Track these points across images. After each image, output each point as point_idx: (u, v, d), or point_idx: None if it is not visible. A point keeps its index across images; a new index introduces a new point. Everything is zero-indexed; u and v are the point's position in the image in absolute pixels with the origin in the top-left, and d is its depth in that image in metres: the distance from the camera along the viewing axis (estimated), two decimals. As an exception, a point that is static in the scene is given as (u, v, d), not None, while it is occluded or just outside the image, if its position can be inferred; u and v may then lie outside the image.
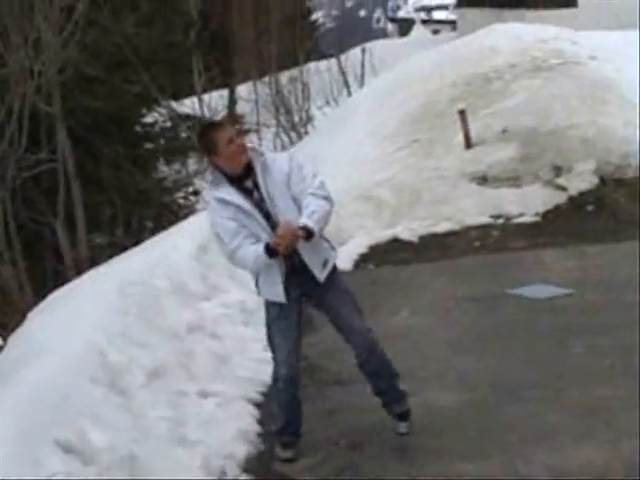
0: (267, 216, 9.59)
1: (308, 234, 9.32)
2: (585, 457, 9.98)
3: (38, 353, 10.91)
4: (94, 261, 15.27)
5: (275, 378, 10.46)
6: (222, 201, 9.67)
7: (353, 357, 10.36)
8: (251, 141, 38.07)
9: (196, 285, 13.59)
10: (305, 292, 9.99)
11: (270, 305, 10.06)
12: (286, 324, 9.99)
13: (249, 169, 9.62)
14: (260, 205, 9.59)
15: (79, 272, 14.89)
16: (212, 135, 9.73)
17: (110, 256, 15.45)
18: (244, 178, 9.64)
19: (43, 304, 13.45)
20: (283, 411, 10.44)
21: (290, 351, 10.04)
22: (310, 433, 10.75)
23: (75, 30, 16.46)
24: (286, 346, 10.03)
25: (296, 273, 9.78)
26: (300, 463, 10.45)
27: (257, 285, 10.15)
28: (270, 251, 9.32)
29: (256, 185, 9.62)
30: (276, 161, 9.79)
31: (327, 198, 9.72)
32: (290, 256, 9.57)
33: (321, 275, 9.82)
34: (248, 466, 10.30)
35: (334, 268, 10.13)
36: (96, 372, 10.35)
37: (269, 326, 10.25)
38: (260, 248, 9.39)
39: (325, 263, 9.85)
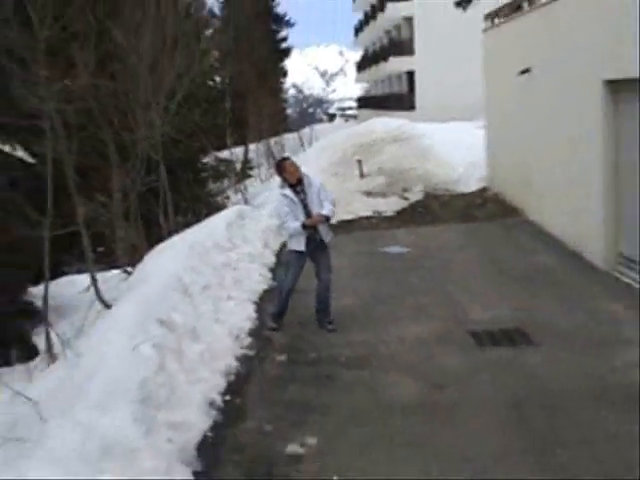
0: (305, 206, 10.25)
1: (326, 218, 10.34)
2: (415, 330, 10.13)
3: (148, 277, 10.88)
4: (177, 231, 15.15)
5: (280, 290, 10.96)
6: (284, 195, 10.45)
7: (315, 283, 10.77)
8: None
9: (226, 243, 13.59)
10: (311, 251, 10.46)
11: (293, 253, 10.57)
12: (298, 265, 10.59)
13: (300, 181, 10.29)
14: (303, 200, 10.27)
15: (170, 236, 14.78)
16: (284, 163, 10.65)
17: (184, 228, 15.35)
18: (297, 185, 10.30)
19: (151, 252, 13.41)
20: (280, 305, 10.80)
21: (295, 278, 10.61)
22: (284, 319, 10.80)
23: (169, 117, 16.43)
24: (294, 276, 10.59)
25: (310, 241, 10.36)
26: (275, 332, 10.48)
27: (289, 241, 10.81)
28: (304, 226, 10.15)
29: (303, 190, 10.29)
30: (313, 180, 10.51)
31: (334, 204, 10.51)
32: (313, 231, 10.29)
33: (326, 238, 10.51)
34: (250, 333, 10.31)
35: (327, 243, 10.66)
36: (176, 286, 10.33)
37: (288, 264, 10.87)
38: (298, 224, 10.15)
39: (327, 234, 10.50)
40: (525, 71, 16.05)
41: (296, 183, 10.33)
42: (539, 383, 8.04)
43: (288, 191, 10.36)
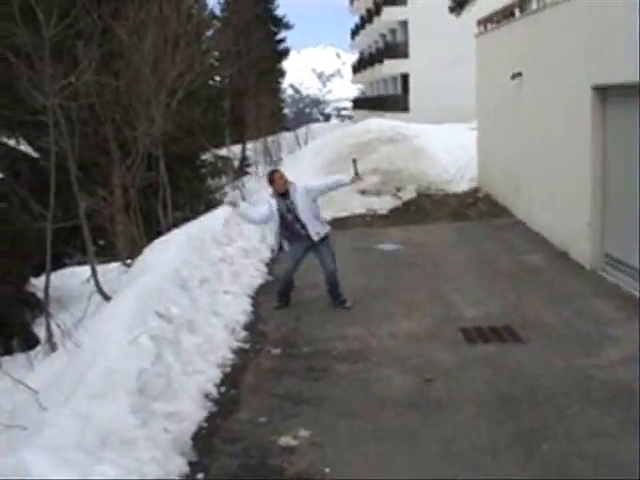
0: (290, 211, 10.89)
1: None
2: (407, 326, 10.10)
3: (147, 270, 10.81)
4: (176, 225, 15.05)
5: (282, 276, 11.46)
6: (269, 203, 11.08)
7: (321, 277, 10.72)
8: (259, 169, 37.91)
9: (223, 238, 13.46)
10: (307, 248, 11.14)
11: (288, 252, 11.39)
12: (292, 260, 11.27)
13: (287, 192, 10.91)
14: (289, 207, 10.90)
15: (168, 230, 14.71)
16: (273, 175, 11.16)
17: (183, 222, 15.26)
18: (284, 195, 10.93)
19: (150, 246, 13.32)
20: (282, 287, 11.40)
21: (287, 271, 11.30)
22: (280, 313, 10.89)
23: (170, 114, 16.32)
24: (287, 269, 11.34)
25: (303, 241, 11.06)
26: (269, 325, 10.53)
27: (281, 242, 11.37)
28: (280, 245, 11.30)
29: (289, 198, 10.91)
30: (298, 186, 11.03)
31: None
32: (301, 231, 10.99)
33: (315, 237, 10.97)
34: (246, 327, 10.34)
35: (326, 235, 11.21)
36: (174, 280, 10.25)
37: (291, 257, 11.34)
38: (256, 216, 11.34)
39: (316, 233, 10.98)
40: (516, 75, 16.05)
41: (283, 193, 10.92)
42: (527, 379, 8.02)
43: (274, 201, 11.04)
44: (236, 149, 42.99)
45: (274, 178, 11.01)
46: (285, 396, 7.96)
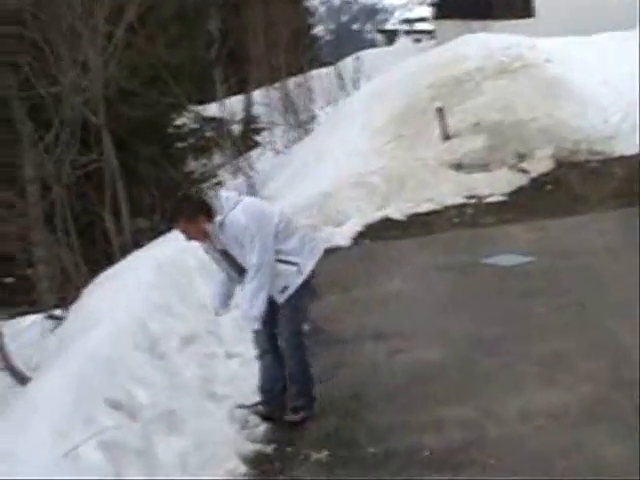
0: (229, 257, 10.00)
1: None
2: (548, 399, 9.98)
3: (91, 324, 10.88)
4: (137, 243, 15.17)
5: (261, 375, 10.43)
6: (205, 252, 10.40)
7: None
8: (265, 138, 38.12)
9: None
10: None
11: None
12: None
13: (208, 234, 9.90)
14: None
15: (124, 254, 14.80)
16: (179, 225, 9.94)
17: (150, 238, 15.34)
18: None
19: (95, 281, 13.40)
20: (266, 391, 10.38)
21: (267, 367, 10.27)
22: (317, 386, 10.68)
23: (115, 52, 16.40)
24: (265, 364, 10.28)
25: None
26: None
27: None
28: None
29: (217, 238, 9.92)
30: (236, 214, 9.72)
31: (259, 262, 9.68)
32: None
33: (280, 299, 9.82)
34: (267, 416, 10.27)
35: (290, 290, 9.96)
36: (138, 340, 10.31)
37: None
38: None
39: (284, 289, 9.85)
40: None
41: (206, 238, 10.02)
42: None
43: (205, 246, 10.24)
44: (235, 104, 43.16)
45: (184, 229, 9.98)
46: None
